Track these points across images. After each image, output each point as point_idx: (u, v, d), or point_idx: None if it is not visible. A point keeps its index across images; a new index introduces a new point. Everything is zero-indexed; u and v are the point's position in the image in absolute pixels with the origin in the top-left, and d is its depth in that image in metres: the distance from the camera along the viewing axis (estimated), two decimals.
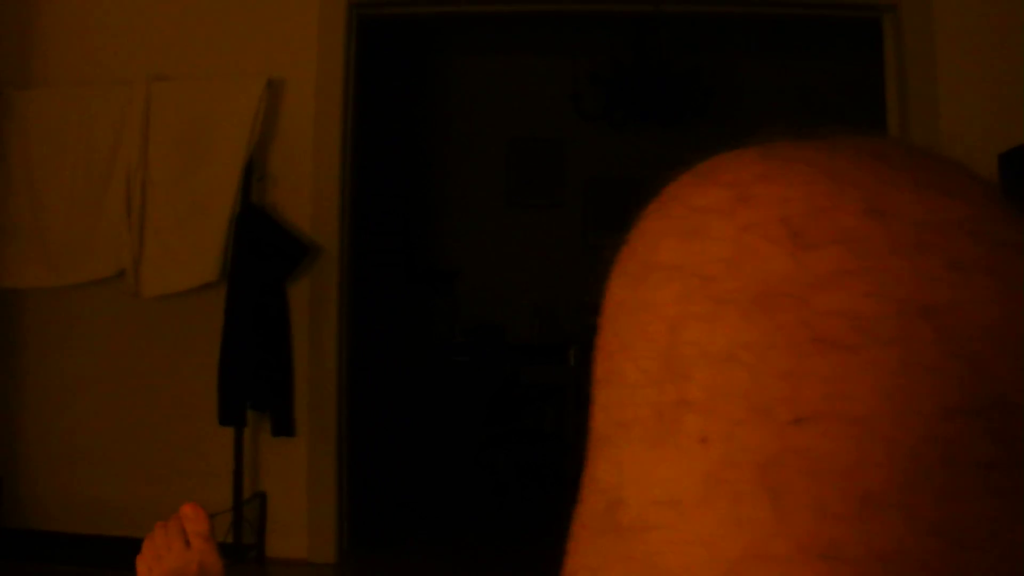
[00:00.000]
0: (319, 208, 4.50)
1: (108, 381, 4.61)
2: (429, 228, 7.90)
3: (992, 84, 4.45)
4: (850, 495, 0.26)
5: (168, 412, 4.56)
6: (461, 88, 8.06)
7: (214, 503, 4.17)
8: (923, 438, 0.26)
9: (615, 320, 0.33)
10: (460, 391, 6.71)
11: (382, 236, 6.15)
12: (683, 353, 0.29)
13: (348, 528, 4.58)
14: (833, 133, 0.35)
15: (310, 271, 4.52)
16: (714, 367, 0.28)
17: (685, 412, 0.28)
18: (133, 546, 1.31)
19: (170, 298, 4.46)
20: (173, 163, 4.35)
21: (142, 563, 1.28)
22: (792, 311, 0.28)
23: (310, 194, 4.52)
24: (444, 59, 7.86)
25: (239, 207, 4.32)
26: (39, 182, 4.42)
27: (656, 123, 6.35)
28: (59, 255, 4.42)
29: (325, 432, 4.50)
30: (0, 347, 4.67)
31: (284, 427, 4.38)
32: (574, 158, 8.03)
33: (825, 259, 0.28)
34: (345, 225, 4.57)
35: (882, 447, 0.26)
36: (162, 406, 4.57)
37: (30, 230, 4.41)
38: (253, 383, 4.27)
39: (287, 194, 4.54)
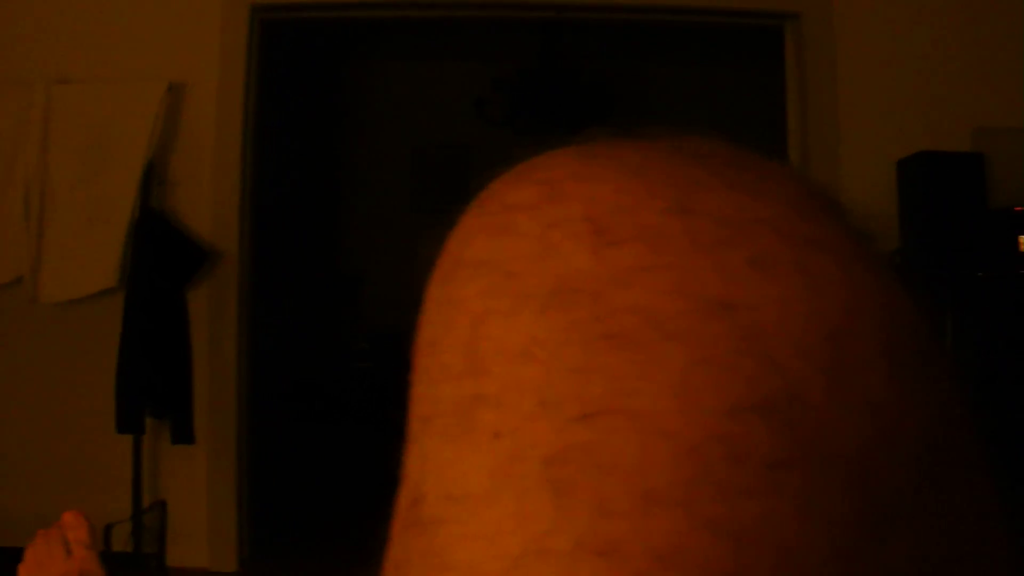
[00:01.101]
0: (220, 213, 4.46)
1: (3, 389, 4.53)
2: (334, 233, 7.89)
3: (891, 93, 4.54)
4: (631, 492, 0.25)
5: (66, 420, 4.48)
6: (367, 93, 8.03)
7: (114, 512, 4.12)
8: (709, 435, 0.26)
9: (428, 317, 0.33)
10: (363, 397, 6.70)
11: (286, 242, 6.11)
12: (482, 348, 0.29)
13: (249, 536, 4.54)
14: (660, 134, 0.35)
15: (210, 277, 4.47)
16: (509, 362, 0.28)
17: (480, 407, 0.28)
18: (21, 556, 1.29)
19: (69, 304, 4.39)
20: (73, 167, 4.27)
21: (24, 572, 1.26)
22: (587, 307, 0.28)
23: (211, 199, 4.47)
24: (351, 64, 7.85)
25: (139, 212, 4.27)
26: None
27: (561, 130, 6.38)
28: None
29: (225, 439, 4.46)
30: None
31: (183, 435, 4.32)
32: (479, 164, 7.95)
33: (625, 256, 0.28)
34: (246, 230, 4.53)
35: (665, 444, 0.26)
36: (60, 414, 4.49)
37: None
38: (151, 390, 4.22)
39: (188, 199, 4.49)
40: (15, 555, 1.24)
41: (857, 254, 0.30)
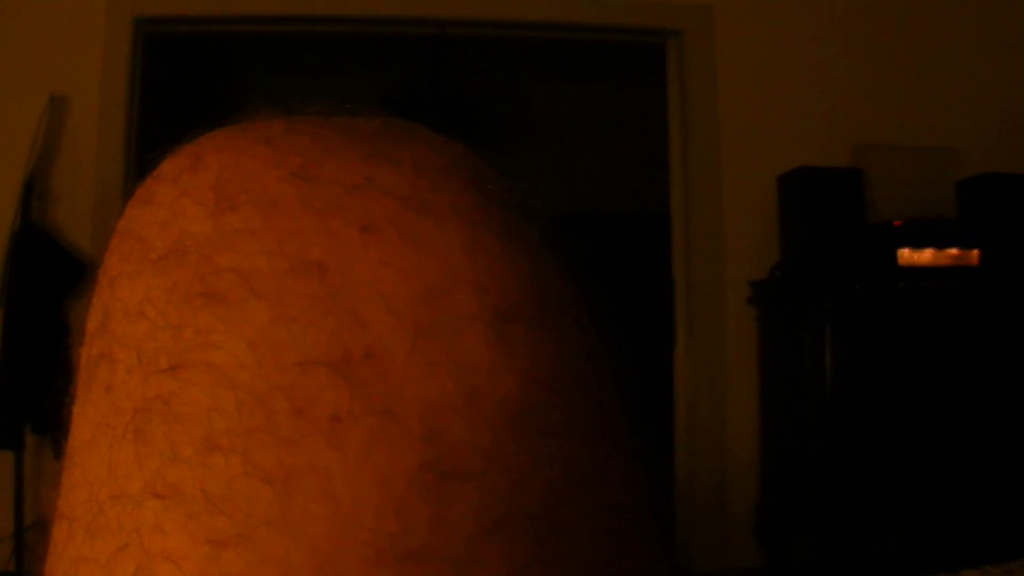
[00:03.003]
0: (101, 227, 4.39)
1: None
2: None
3: (772, 109, 4.61)
4: (196, 439, 0.26)
5: None
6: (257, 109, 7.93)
7: None
8: (275, 387, 0.26)
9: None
10: None
11: None
12: (112, 309, 0.31)
13: None
14: (325, 111, 0.36)
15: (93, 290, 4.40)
16: (126, 320, 0.30)
17: (101, 363, 0.30)
18: None
19: None
20: None
21: None
22: (193, 267, 0.29)
23: (92, 213, 4.40)
24: (240, 80, 7.78)
25: (19, 227, 4.19)
26: None
27: None
28: None
29: None
30: None
31: None
32: None
33: (238, 220, 0.29)
34: None
35: (233, 395, 0.26)
36: None
37: None
38: (32, 405, 4.14)
39: (69, 213, 4.40)
40: None
41: (486, 224, 0.31)
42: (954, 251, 4.20)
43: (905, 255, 4.14)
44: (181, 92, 6.06)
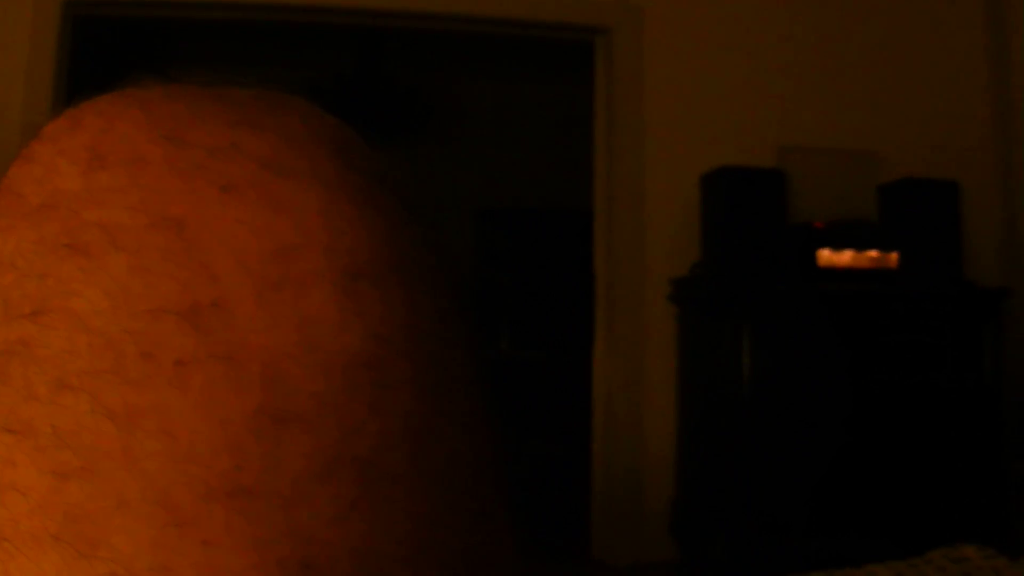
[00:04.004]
0: None
1: None
2: None
3: (697, 108, 4.64)
4: (49, 379, 0.27)
5: None
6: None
7: None
8: (127, 332, 0.28)
9: None
10: None
11: None
12: None
13: None
14: (204, 80, 0.38)
15: None
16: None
17: None
18: None
19: None
20: None
21: None
22: (60, 222, 0.30)
23: None
24: (172, 68, 7.69)
25: None
26: None
27: (377, 138, 6.38)
28: None
29: None
30: None
31: None
32: None
33: (107, 177, 0.31)
34: None
35: (87, 338, 0.28)
36: None
37: None
38: None
39: None
40: None
41: (343, 189, 0.33)
42: (874, 253, 4.25)
43: (825, 256, 4.18)
44: (110, 79, 6.00)
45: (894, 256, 4.27)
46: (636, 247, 4.50)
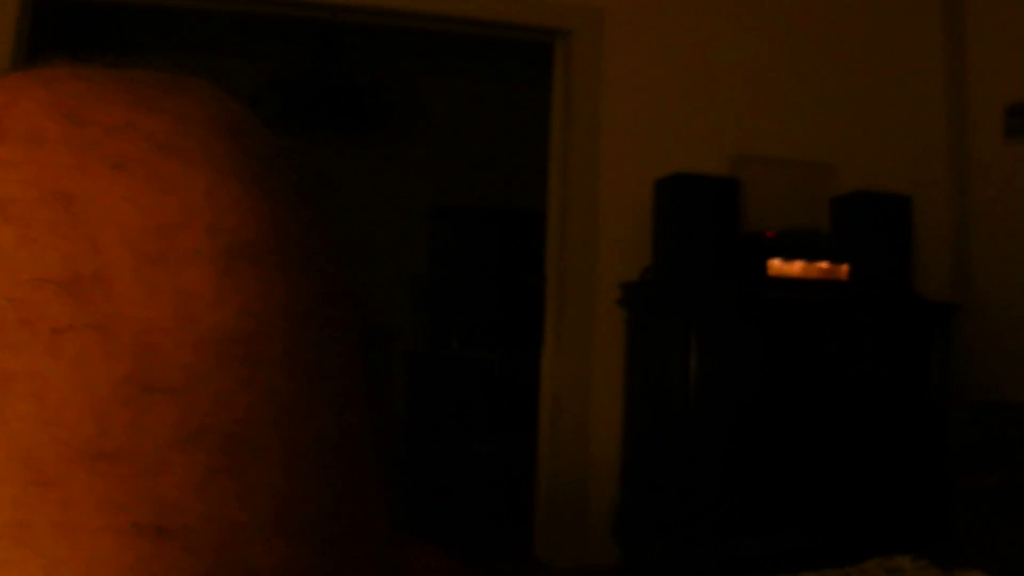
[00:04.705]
0: None
1: None
2: None
3: (653, 115, 4.66)
4: None
5: None
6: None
7: None
8: (8, 300, 0.28)
9: None
10: None
11: None
12: None
13: None
14: (110, 63, 0.38)
15: None
16: None
17: None
18: None
19: None
20: None
21: None
22: None
23: None
24: (132, 57, 7.64)
25: None
26: None
27: (335, 133, 6.38)
28: None
29: None
30: None
31: None
32: None
33: (4, 152, 0.31)
34: None
35: None
36: None
37: None
38: None
39: None
40: None
41: (233, 171, 0.34)
42: (824, 264, 4.27)
43: (775, 266, 4.19)
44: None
45: (844, 268, 4.29)
46: (588, 250, 4.51)
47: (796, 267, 4.23)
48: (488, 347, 7.48)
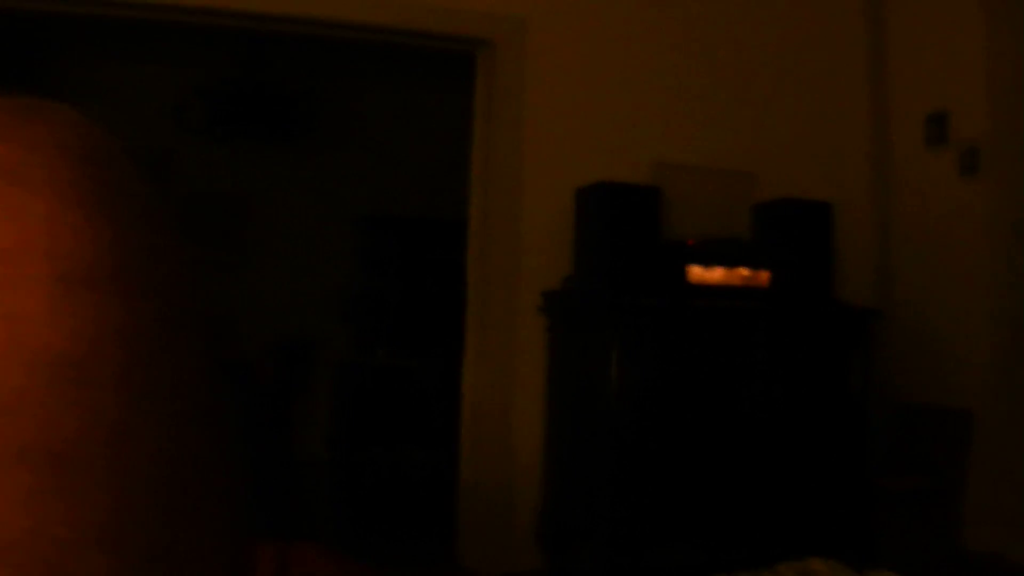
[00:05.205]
0: None
1: None
2: None
3: (575, 124, 4.66)
4: None
5: None
6: (67, 93, 7.65)
7: None
8: None
9: None
10: None
11: None
12: None
13: None
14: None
15: None
16: None
17: None
18: None
19: None
20: None
21: None
22: None
23: None
24: (59, 66, 7.54)
25: None
26: None
27: (261, 140, 6.34)
28: None
29: None
30: None
31: None
32: (182, 171, 7.77)
33: None
34: None
35: None
36: None
37: None
38: None
39: None
40: None
41: (77, 199, 0.34)
42: (745, 271, 4.29)
43: (696, 273, 4.21)
44: None
45: (765, 274, 4.32)
46: (510, 258, 4.52)
47: (717, 274, 4.25)
48: (414, 355, 7.46)
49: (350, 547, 4.81)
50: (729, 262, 4.28)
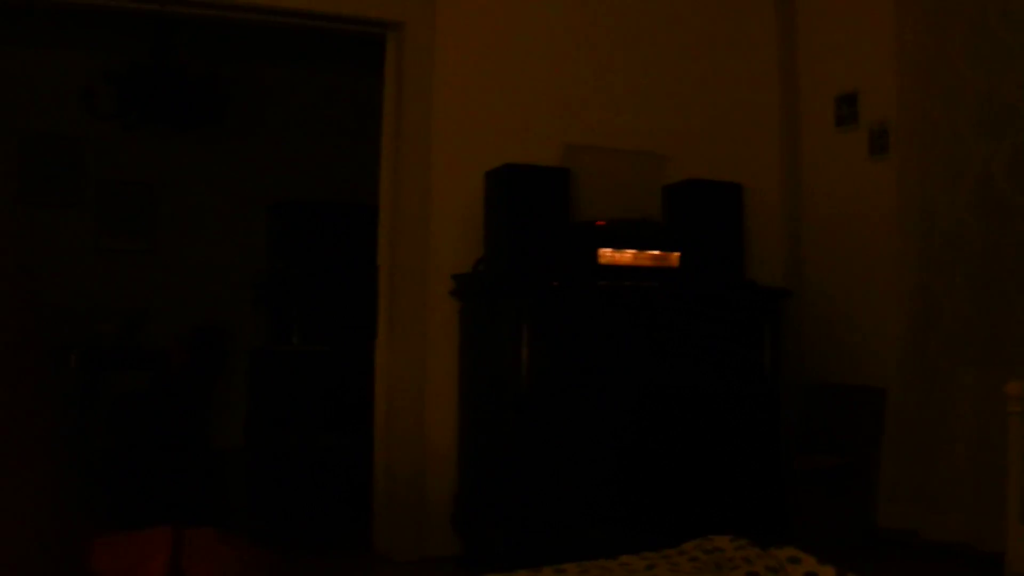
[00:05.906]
0: None
1: None
2: None
3: (485, 106, 4.67)
4: None
5: None
6: None
7: None
8: None
9: None
10: None
11: None
12: None
13: None
14: None
15: None
16: None
17: None
18: None
19: None
20: None
21: None
22: None
23: None
24: None
25: None
26: None
27: (172, 126, 6.29)
28: None
29: None
30: None
31: None
32: (92, 158, 7.80)
33: None
34: None
35: None
36: None
37: None
38: None
39: None
40: None
41: None
42: (655, 252, 4.30)
43: (606, 255, 4.22)
44: None
45: (675, 255, 4.34)
46: (420, 242, 4.51)
47: (627, 256, 4.26)
48: (328, 341, 7.43)
49: (266, 533, 4.79)
50: (639, 243, 4.29)
